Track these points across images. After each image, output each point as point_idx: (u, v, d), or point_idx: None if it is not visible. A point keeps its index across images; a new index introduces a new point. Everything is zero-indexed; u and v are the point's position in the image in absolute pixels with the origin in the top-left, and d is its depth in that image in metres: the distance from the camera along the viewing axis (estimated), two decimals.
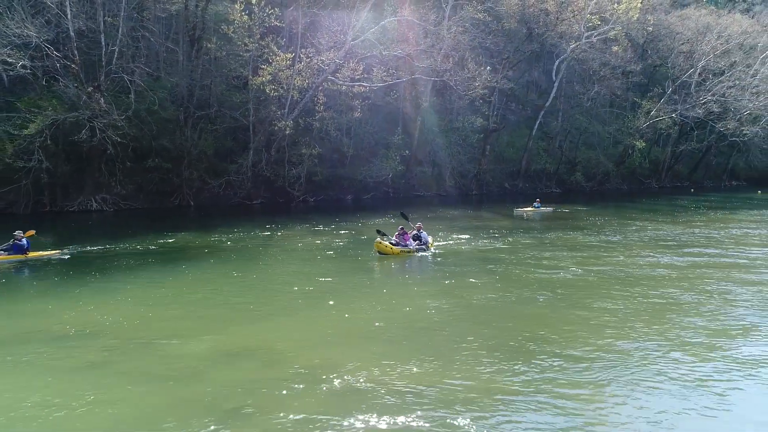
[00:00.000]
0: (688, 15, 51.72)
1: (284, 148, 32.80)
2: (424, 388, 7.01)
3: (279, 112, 31.83)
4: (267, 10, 30.28)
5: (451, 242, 19.20)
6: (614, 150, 53.07)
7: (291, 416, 6.31)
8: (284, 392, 6.91)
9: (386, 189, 38.38)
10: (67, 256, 16.18)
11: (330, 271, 14.64)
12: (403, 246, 16.78)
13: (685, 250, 17.95)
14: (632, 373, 7.64)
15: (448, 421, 6.24)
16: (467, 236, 20.37)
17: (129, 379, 7.40)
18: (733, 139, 53.21)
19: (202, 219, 26.12)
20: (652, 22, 47.70)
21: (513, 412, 6.51)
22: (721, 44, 48.66)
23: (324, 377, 7.30)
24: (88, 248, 17.38)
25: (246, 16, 29.97)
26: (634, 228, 23.58)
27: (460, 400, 6.72)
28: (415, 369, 7.61)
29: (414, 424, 6.18)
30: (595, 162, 50.51)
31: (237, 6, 29.64)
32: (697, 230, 22.95)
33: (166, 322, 10.13)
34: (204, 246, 18.42)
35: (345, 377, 7.31)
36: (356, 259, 16.44)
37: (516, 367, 7.74)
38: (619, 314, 10.44)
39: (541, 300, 11.50)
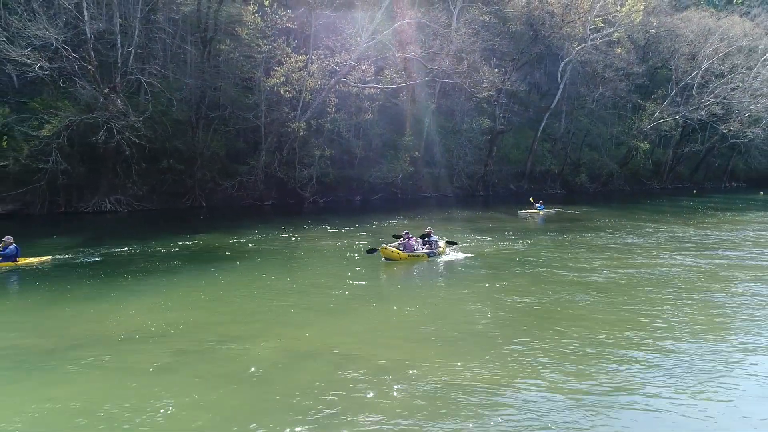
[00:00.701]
0: (690, 17, 52.18)
1: (295, 149, 32.88)
2: (496, 389, 7.19)
3: (291, 114, 31.93)
4: (279, 12, 30.36)
5: (471, 244, 19.34)
6: (617, 151, 53.57)
7: (370, 417, 6.47)
8: (358, 394, 7.07)
9: (394, 190, 38.51)
10: (89, 257, 16.23)
11: (360, 273, 14.74)
12: (410, 251, 16.76)
13: (706, 252, 18.23)
14: (702, 373, 7.89)
15: (527, 423, 6.40)
16: (488, 238, 20.57)
17: (201, 382, 7.51)
18: (734, 140, 53.81)
19: (216, 220, 26.15)
20: (654, 24, 48.08)
21: (588, 413, 6.69)
22: (724, 47, 49.12)
23: (393, 379, 7.46)
24: (112, 250, 17.35)
25: (258, 18, 30.02)
26: (648, 230, 23.85)
27: (535, 403, 6.91)
28: (481, 371, 7.77)
29: (495, 427, 6.33)
30: (599, 163, 50.93)
31: (250, 8, 29.69)
32: (710, 232, 23.27)
33: (216, 326, 10.18)
34: (225, 248, 18.48)
35: (414, 379, 7.47)
36: (382, 261, 16.50)
37: (581, 369, 7.93)
38: (664, 316, 10.67)
39: (580, 302, 11.70)
